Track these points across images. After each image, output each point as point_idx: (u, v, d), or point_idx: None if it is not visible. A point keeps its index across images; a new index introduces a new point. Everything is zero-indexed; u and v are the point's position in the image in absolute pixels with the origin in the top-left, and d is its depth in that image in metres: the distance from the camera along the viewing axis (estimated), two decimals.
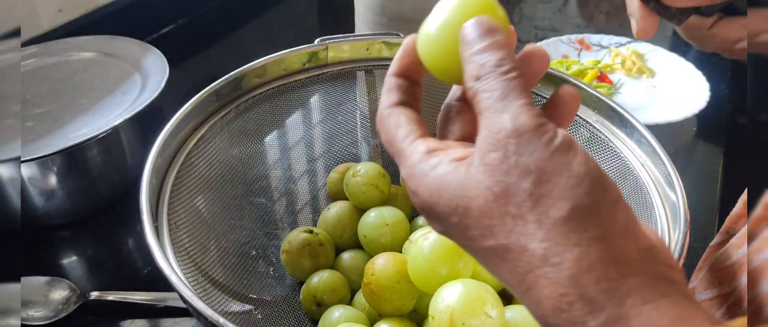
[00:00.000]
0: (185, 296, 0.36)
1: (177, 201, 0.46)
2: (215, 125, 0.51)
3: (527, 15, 1.08)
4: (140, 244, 0.61)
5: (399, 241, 0.51)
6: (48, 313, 0.52)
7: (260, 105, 0.55)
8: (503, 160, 0.23)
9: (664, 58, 0.87)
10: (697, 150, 0.77)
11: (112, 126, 0.58)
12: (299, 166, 0.61)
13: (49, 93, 0.65)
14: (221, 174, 0.52)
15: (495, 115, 0.24)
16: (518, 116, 0.23)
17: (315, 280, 0.49)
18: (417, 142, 0.27)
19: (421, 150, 0.26)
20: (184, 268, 0.42)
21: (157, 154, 0.45)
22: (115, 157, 0.62)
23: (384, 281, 0.44)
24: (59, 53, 0.72)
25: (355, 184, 0.53)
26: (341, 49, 0.57)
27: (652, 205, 0.45)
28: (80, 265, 0.60)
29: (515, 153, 0.23)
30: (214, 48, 0.96)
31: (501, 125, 0.23)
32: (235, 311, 0.47)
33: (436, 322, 0.40)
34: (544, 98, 0.54)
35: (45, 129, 0.60)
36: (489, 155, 0.23)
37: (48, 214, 0.60)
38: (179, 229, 0.45)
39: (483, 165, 0.24)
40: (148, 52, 0.70)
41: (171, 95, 0.64)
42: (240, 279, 0.50)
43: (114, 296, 0.53)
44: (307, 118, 0.61)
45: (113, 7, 0.88)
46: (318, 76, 0.57)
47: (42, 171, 0.57)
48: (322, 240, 0.52)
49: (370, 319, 0.47)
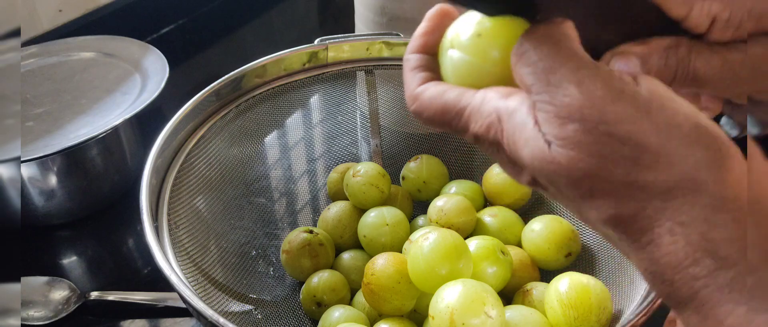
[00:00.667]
0: (185, 296, 0.36)
1: (177, 201, 0.46)
2: (215, 125, 0.52)
3: None
4: (140, 244, 0.61)
5: (399, 240, 0.51)
6: (48, 313, 0.52)
7: (260, 105, 0.55)
8: (586, 132, 0.20)
9: None
10: None
11: (112, 126, 0.58)
12: (299, 166, 0.61)
13: (49, 93, 0.65)
14: (221, 174, 0.52)
15: (549, 91, 0.21)
16: (584, 81, 0.20)
17: (315, 280, 0.49)
18: (482, 92, 0.23)
19: (495, 95, 0.23)
20: (184, 268, 0.42)
21: (157, 153, 0.45)
22: (115, 157, 0.62)
23: (384, 281, 0.44)
24: (59, 53, 0.72)
25: (355, 184, 0.53)
26: (341, 49, 0.57)
27: None
28: (80, 265, 0.60)
29: (600, 121, 0.20)
30: (214, 48, 0.96)
31: (563, 97, 0.20)
32: (235, 311, 0.47)
33: (436, 322, 0.40)
34: None
35: (45, 129, 0.60)
36: (566, 128, 0.20)
37: (48, 214, 0.60)
38: (179, 229, 0.45)
39: (563, 143, 0.20)
40: (148, 52, 0.70)
41: (171, 95, 0.64)
42: (240, 279, 0.50)
43: (114, 296, 0.53)
44: (307, 118, 0.61)
45: (113, 7, 0.87)
46: (318, 76, 0.57)
47: (42, 171, 0.57)
48: (322, 240, 0.52)
49: (370, 319, 0.47)
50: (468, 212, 0.52)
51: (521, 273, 0.49)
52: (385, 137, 0.62)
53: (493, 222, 0.53)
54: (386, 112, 0.61)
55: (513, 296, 0.48)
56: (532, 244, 0.51)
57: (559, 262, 0.50)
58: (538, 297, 0.46)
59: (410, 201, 0.57)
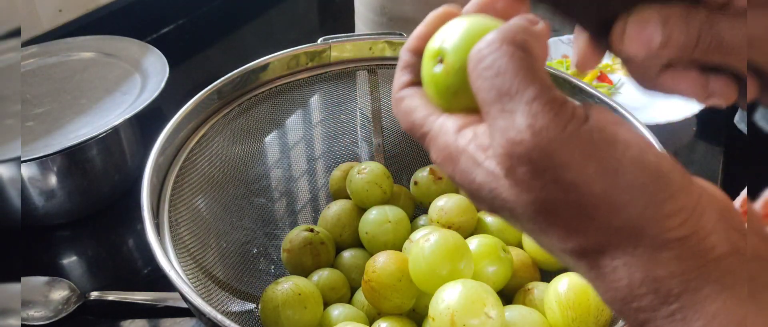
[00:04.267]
0: (186, 294, 0.36)
1: (178, 199, 0.46)
2: (217, 124, 0.51)
3: None
4: (140, 244, 0.61)
5: (400, 239, 0.51)
6: (48, 313, 0.52)
7: (262, 104, 0.55)
8: (535, 176, 0.20)
9: None
10: (696, 150, 0.77)
11: (112, 126, 0.58)
12: (300, 165, 0.61)
13: (49, 93, 0.65)
14: (223, 173, 0.52)
15: (503, 118, 0.21)
16: (537, 117, 0.20)
17: (315, 279, 0.49)
18: (442, 119, 0.23)
19: (451, 128, 0.23)
20: (185, 266, 0.42)
21: (158, 151, 0.44)
22: (115, 157, 0.62)
23: (385, 279, 0.44)
24: (59, 53, 0.71)
25: (358, 181, 0.54)
26: (344, 49, 0.57)
27: None
28: (80, 265, 0.60)
29: (548, 167, 0.20)
30: (214, 48, 0.96)
31: (515, 135, 0.20)
32: (236, 310, 0.47)
33: (437, 323, 0.40)
34: None
35: (45, 129, 0.60)
36: (516, 170, 0.21)
37: (48, 214, 0.60)
38: (180, 227, 0.45)
39: (512, 183, 0.21)
40: (148, 52, 0.70)
41: (171, 95, 0.64)
42: (241, 278, 0.50)
43: (114, 296, 0.53)
44: (309, 118, 0.61)
45: (113, 7, 0.87)
46: (320, 75, 0.57)
47: (42, 171, 0.57)
48: (324, 238, 0.52)
49: (369, 317, 0.47)
50: (468, 212, 0.52)
51: (522, 273, 0.49)
52: (388, 137, 0.62)
53: (494, 222, 0.53)
54: (388, 111, 0.61)
55: (513, 296, 0.48)
56: (532, 244, 0.51)
57: (559, 262, 0.50)
58: (539, 296, 0.46)
59: (411, 201, 0.57)
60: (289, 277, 0.47)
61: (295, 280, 0.46)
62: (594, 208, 0.20)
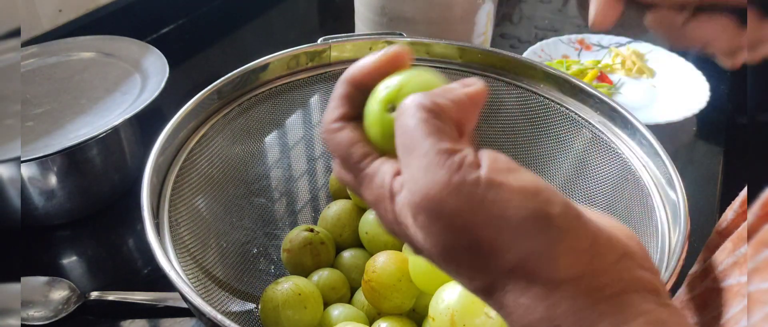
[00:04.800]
0: (186, 294, 0.36)
1: (178, 199, 0.46)
2: (217, 124, 0.51)
3: (527, 15, 1.08)
4: (140, 244, 0.61)
5: None
6: (48, 313, 0.52)
7: (262, 104, 0.55)
8: (431, 222, 0.22)
9: (664, 58, 0.87)
10: (697, 150, 0.77)
11: (112, 126, 0.58)
12: (300, 166, 0.61)
13: (49, 93, 0.65)
14: (223, 173, 0.52)
15: (407, 171, 0.23)
16: (428, 168, 0.22)
17: (315, 279, 0.49)
18: (380, 161, 0.25)
19: (388, 171, 0.25)
20: (185, 266, 0.42)
21: (158, 151, 0.44)
22: (115, 157, 0.62)
23: (385, 279, 0.44)
24: (59, 53, 0.71)
25: None
26: (344, 49, 0.57)
27: (653, 206, 0.45)
28: (80, 265, 0.60)
29: (441, 214, 0.22)
30: (214, 48, 0.96)
31: (412, 185, 0.22)
32: (236, 310, 0.47)
33: (437, 323, 0.40)
34: (548, 99, 0.54)
35: (45, 129, 0.60)
36: (418, 218, 0.23)
37: (48, 214, 0.60)
38: (180, 227, 0.45)
39: (418, 229, 0.23)
40: (148, 52, 0.70)
41: (171, 95, 0.64)
42: (241, 278, 0.50)
43: (114, 296, 0.53)
44: (309, 118, 0.61)
45: (113, 7, 0.87)
46: (320, 75, 0.57)
47: (42, 171, 0.57)
48: (324, 238, 0.52)
49: (369, 317, 0.47)
50: None
51: None
52: None
53: None
54: None
55: None
56: None
57: None
58: None
59: None
60: (289, 277, 0.47)
61: (295, 280, 0.46)
62: (488, 251, 0.22)
